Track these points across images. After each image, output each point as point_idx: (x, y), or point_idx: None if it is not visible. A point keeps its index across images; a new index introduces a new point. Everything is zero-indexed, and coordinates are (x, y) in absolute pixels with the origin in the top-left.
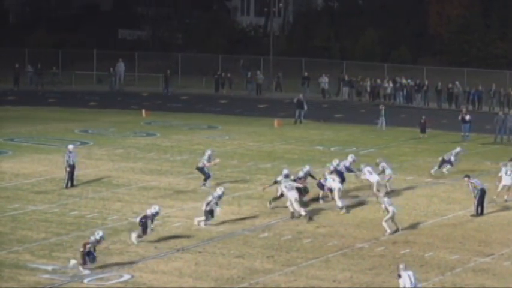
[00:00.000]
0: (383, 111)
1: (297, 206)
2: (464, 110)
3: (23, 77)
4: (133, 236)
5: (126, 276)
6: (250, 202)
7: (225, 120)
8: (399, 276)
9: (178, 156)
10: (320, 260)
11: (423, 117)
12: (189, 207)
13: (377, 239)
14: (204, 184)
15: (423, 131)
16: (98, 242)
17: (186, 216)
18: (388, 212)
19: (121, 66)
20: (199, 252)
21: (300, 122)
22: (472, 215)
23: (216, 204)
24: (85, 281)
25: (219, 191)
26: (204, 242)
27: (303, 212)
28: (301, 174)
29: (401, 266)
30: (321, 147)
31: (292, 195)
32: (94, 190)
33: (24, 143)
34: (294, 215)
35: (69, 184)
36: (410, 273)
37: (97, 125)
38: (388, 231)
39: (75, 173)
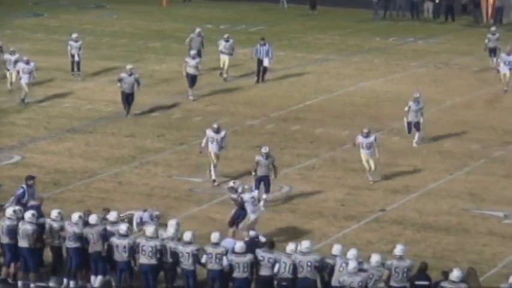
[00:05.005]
0: None
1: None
2: None
3: None
4: None
5: (17, 157)
6: (140, 81)
7: None
8: None
9: (67, 37)
10: None
11: None
12: (78, 87)
13: (267, 116)
14: None
15: (313, 7)
16: None
17: (76, 97)
18: None
19: None
20: (90, 132)
21: (189, 0)
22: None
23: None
24: None
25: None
26: (94, 121)
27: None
28: None
29: None
30: (210, 26)
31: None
32: None
33: None
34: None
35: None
36: None
37: None
38: None
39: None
